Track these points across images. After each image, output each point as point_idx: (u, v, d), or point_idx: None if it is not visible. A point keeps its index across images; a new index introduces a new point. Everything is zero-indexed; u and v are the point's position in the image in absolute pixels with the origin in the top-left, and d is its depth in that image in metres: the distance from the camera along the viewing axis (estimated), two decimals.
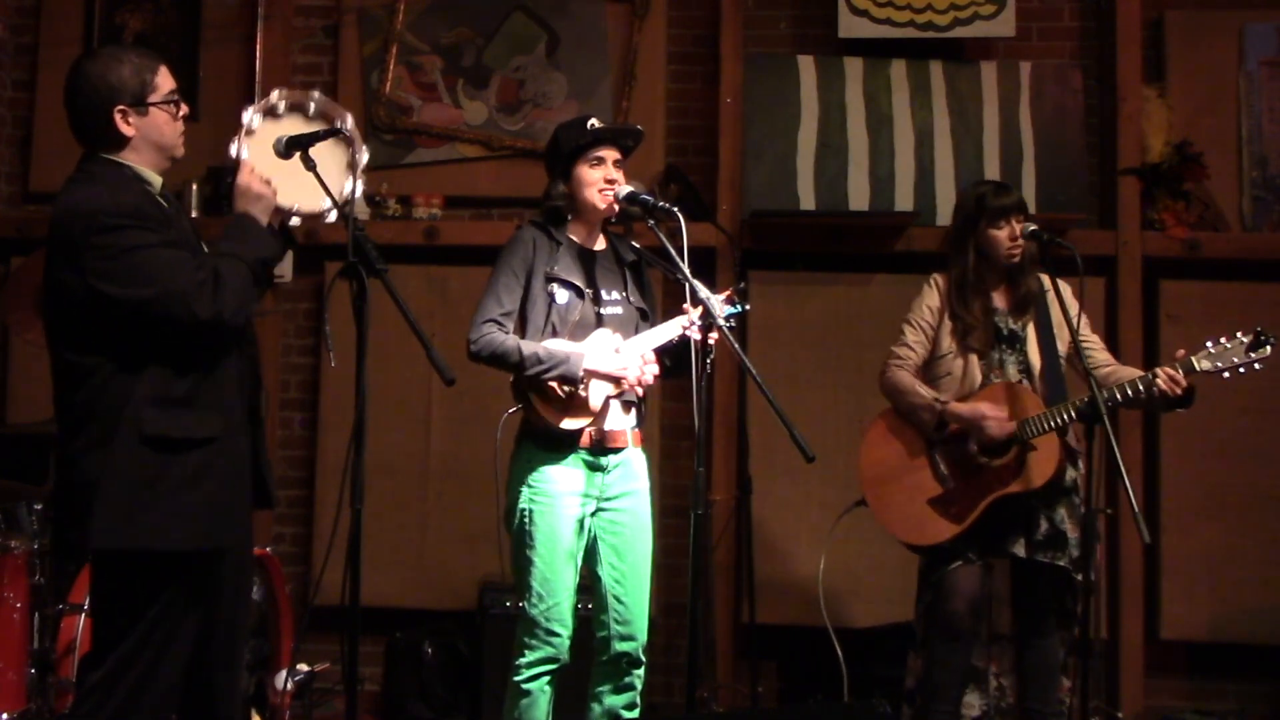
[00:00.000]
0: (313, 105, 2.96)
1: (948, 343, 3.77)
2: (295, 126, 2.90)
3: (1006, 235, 3.69)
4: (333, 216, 2.92)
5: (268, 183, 2.81)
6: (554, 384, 3.27)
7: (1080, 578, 3.64)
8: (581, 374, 3.25)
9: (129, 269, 2.61)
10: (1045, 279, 3.73)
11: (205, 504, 2.70)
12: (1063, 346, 3.73)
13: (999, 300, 3.78)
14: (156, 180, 2.81)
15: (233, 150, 2.83)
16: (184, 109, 2.84)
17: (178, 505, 2.66)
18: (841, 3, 4.96)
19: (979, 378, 3.71)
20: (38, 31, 5.32)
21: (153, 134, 2.77)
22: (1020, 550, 3.66)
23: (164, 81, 2.78)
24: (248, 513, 2.90)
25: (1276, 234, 4.97)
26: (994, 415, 3.63)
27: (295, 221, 2.92)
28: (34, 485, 4.11)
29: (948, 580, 3.71)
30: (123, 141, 2.75)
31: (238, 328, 2.75)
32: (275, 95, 2.95)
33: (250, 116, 2.89)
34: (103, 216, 2.62)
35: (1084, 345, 3.71)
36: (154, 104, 2.76)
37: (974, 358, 3.72)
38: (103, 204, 2.63)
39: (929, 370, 3.82)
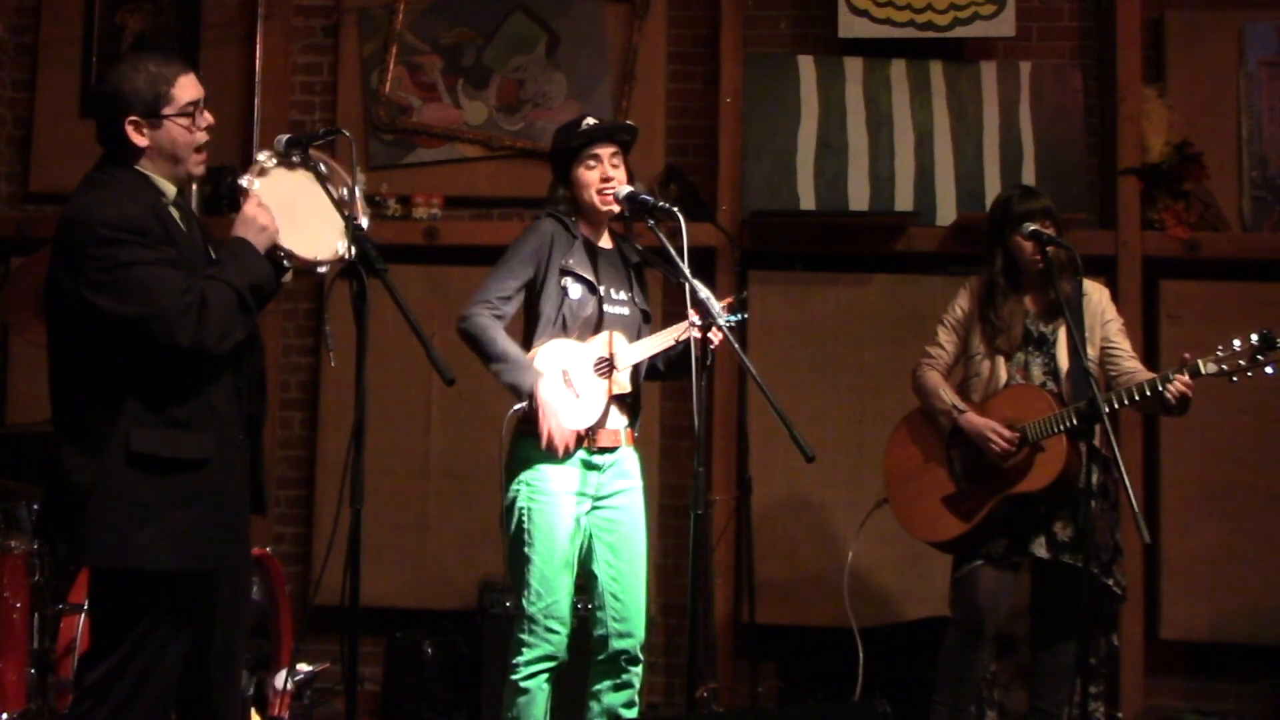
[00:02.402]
0: (322, 165, 2.93)
1: (977, 344, 3.81)
2: (304, 178, 2.87)
3: (1031, 241, 3.70)
4: (323, 270, 2.89)
5: (270, 220, 2.78)
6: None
7: (1111, 583, 3.67)
8: (527, 392, 3.26)
9: (120, 284, 2.59)
10: (1088, 284, 3.74)
11: (197, 526, 2.68)
12: (1094, 351, 3.75)
13: (1030, 303, 3.80)
14: (170, 190, 2.78)
15: (243, 181, 2.81)
16: (207, 119, 2.80)
17: (169, 526, 2.64)
18: (841, 3, 4.96)
19: (1004, 378, 3.75)
20: (38, 31, 5.32)
21: (166, 145, 2.74)
22: (1042, 551, 3.68)
23: (182, 92, 2.74)
24: (245, 530, 2.90)
25: (1276, 234, 4.98)
26: (998, 438, 3.64)
27: (286, 265, 2.86)
28: (34, 485, 4.11)
29: (968, 578, 3.76)
30: (137, 151, 2.73)
31: (221, 354, 2.70)
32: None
33: (265, 156, 2.86)
34: (103, 228, 2.59)
35: (1111, 350, 3.76)
36: (168, 116, 2.73)
37: (1001, 359, 3.76)
38: (106, 215, 2.61)
39: (961, 370, 3.87)
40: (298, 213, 2.83)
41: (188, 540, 2.66)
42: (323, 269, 2.88)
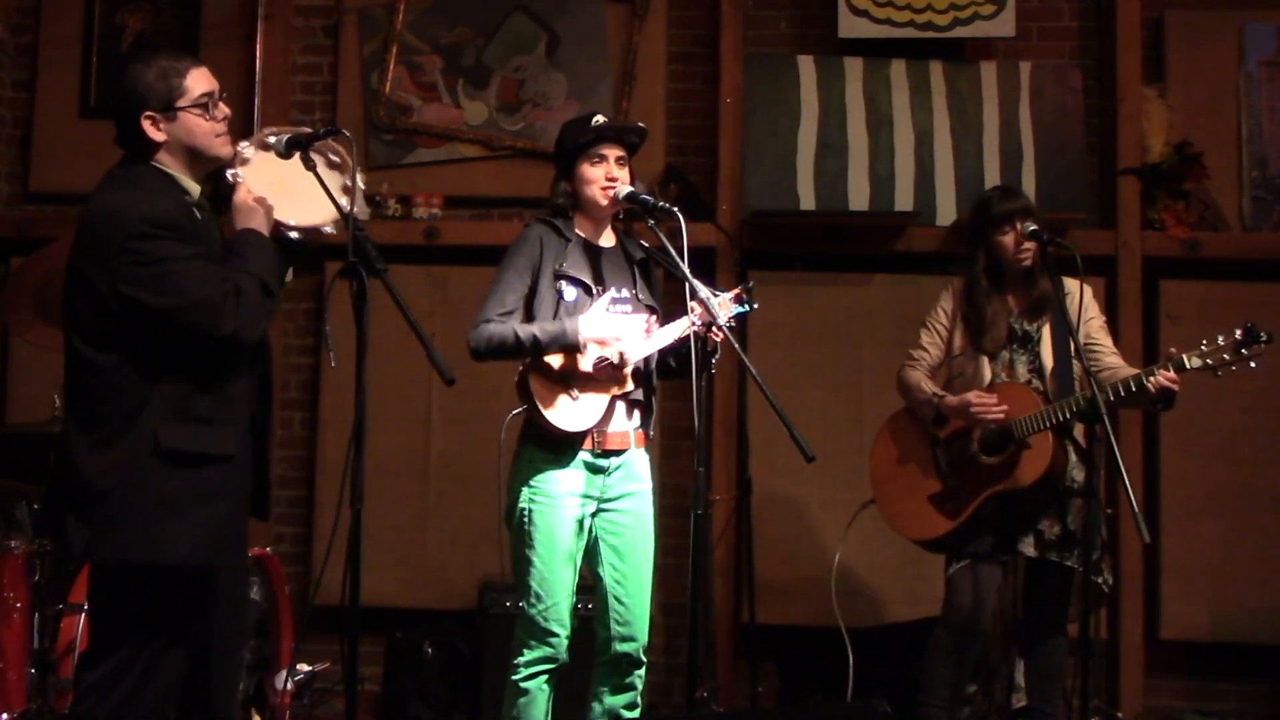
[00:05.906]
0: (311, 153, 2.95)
1: (960, 344, 3.82)
2: (287, 160, 2.89)
3: (1013, 240, 3.74)
4: (329, 230, 2.93)
5: (262, 201, 2.83)
6: (563, 390, 3.28)
7: (1099, 580, 3.67)
8: (582, 340, 3.25)
9: (161, 278, 2.64)
10: (1069, 282, 3.73)
11: (217, 521, 2.72)
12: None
13: (1013, 302, 3.81)
14: (194, 189, 2.83)
15: (228, 175, 2.86)
16: (223, 110, 2.82)
17: (192, 521, 2.68)
18: (841, 3, 4.95)
19: (989, 378, 3.76)
20: (38, 31, 5.32)
21: (183, 138, 2.77)
22: (1030, 549, 3.70)
23: (195, 84, 2.77)
24: (246, 527, 2.93)
25: (1276, 234, 4.98)
26: (980, 402, 3.66)
27: (294, 235, 2.92)
28: (34, 485, 4.11)
29: (956, 578, 3.77)
30: (155, 146, 2.77)
31: (253, 342, 2.77)
32: (269, 131, 2.94)
33: (245, 147, 2.90)
34: (140, 224, 2.64)
35: (1092, 347, 3.76)
36: (182, 108, 2.76)
37: (984, 359, 3.77)
38: (141, 211, 2.66)
39: (945, 371, 3.88)
40: (290, 186, 2.87)
41: (209, 535, 2.70)
42: (329, 230, 2.91)
